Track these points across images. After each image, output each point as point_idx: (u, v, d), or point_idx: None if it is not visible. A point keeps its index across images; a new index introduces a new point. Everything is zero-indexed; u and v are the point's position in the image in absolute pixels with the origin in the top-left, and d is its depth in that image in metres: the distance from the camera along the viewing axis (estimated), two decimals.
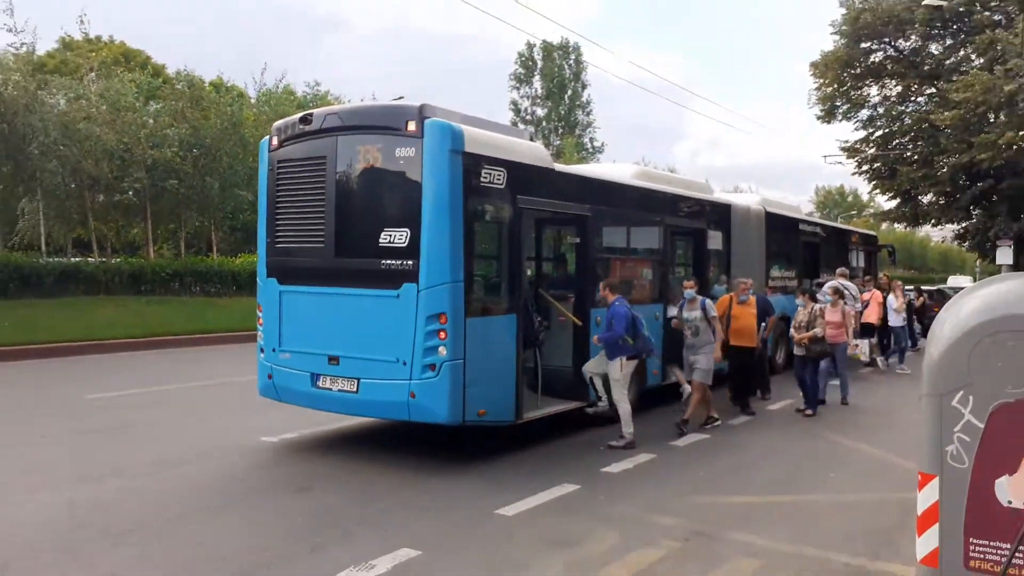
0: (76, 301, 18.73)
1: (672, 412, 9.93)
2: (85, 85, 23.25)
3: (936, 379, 3.30)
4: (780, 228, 14.17)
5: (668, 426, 9.01)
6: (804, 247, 15.45)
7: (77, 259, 22.09)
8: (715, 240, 11.71)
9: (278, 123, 7.93)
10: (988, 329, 3.19)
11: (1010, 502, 3.16)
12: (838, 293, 11.29)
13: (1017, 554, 3.15)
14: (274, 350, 7.69)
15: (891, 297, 14.65)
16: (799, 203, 18.06)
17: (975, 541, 3.23)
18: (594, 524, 5.61)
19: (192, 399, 10.54)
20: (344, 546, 5.10)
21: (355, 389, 7.08)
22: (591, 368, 8.28)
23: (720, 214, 11.93)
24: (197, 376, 12.51)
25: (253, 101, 29.09)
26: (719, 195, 13.26)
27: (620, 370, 8.02)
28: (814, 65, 32.90)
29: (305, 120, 7.52)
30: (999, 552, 3.18)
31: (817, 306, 10.32)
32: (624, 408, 8.00)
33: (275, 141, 7.76)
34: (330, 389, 7.25)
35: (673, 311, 9.78)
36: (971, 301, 3.40)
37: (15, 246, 22.61)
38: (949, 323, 3.36)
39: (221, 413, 9.62)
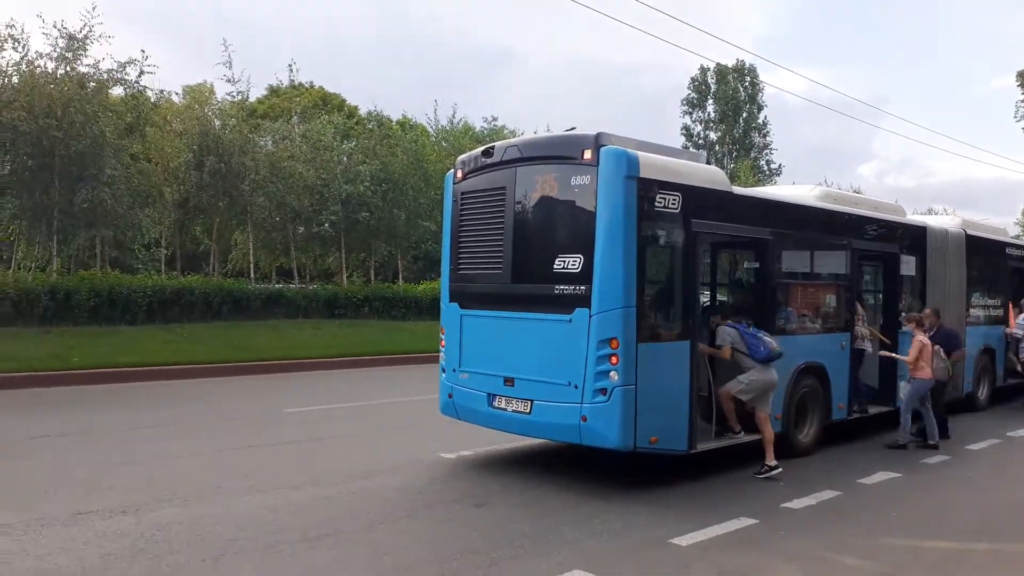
0: (278, 323, 20.57)
1: (859, 448, 9.33)
2: (290, 127, 25.65)
3: None
4: (983, 252, 12.95)
5: (855, 462, 8.47)
6: (1013, 273, 13.99)
7: (280, 285, 24.23)
8: (908, 265, 10.90)
9: (462, 157, 8.35)
10: None
11: None
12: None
13: None
14: (455, 371, 8.06)
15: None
16: (1005, 225, 16.37)
17: None
18: (773, 560, 5.40)
19: (378, 415, 11.24)
20: (520, 563, 5.24)
21: (528, 410, 7.26)
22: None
23: (914, 237, 11.10)
24: (383, 394, 13.32)
25: (433, 138, 30.74)
26: (913, 217, 12.35)
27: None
28: (1021, 75, 29.95)
29: (487, 153, 7.89)
30: None
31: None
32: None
33: (459, 174, 8.19)
34: (505, 409, 7.48)
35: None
36: None
37: (228, 273, 25.18)
38: None
39: (405, 429, 10.18)
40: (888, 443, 9.44)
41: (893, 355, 9.81)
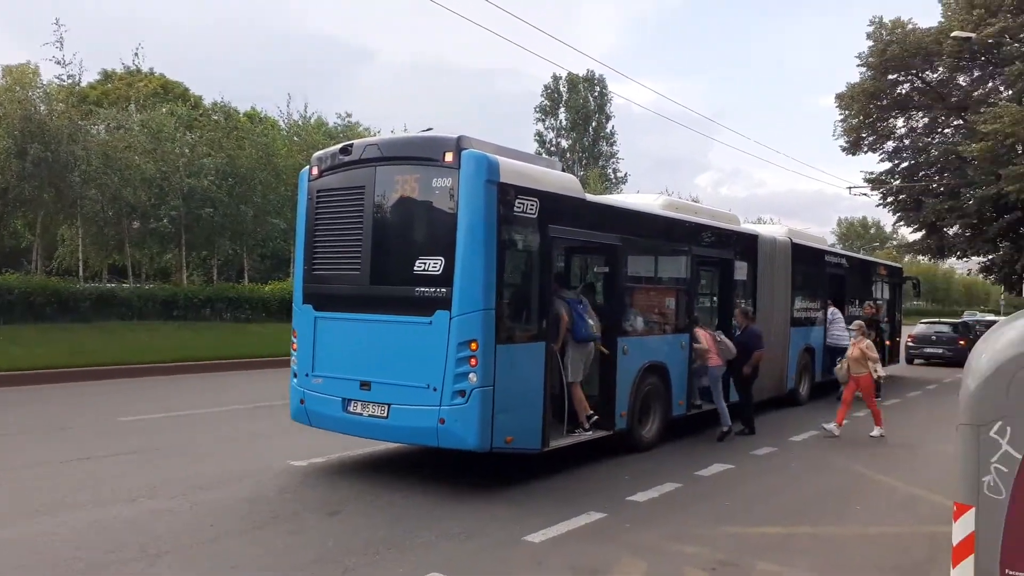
0: (111, 326, 19.11)
1: (697, 441, 9.93)
2: (127, 115, 23.92)
3: (974, 410, 3.33)
4: (806, 259, 14.16)
5: (694, 455, 9.01)
6: (830, 279, 15.40)
7: (112, 285, 22.56)
8: (741, 271, 11.74)
9: (318, 153, 8.14)
10: None
11: None
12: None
13: None
14: (307, 375, 7.82)
15: None
16: (822, 234, 18.04)
17: (1011, 572, 3.23)
18: (621, 552, 5.62)
19: (223, 423, 10.70)
20: (375, 568, 5.16)
21: (385, 415, 7.17)
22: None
23: (746, 245, 11.97)
24: (227, 400, 12.69)
25: (284, 132, 29.73)
26: (746, 226, 13.30)
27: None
28: (840, 97, 33.02)
29: (345, 151, 7.72)
30: None
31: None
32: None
33: (315, 171, 7.96)
34: (361, 414, 7.35)
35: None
36: (1008, 332, 3.44)
37: (53, 271, 23.13)
38: (987, 355, 3.39)
39: (252, 437, 9.75)
40: (718, 436, 10.11)
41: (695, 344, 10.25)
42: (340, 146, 7.85)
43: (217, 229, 23.94)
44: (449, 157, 6.90)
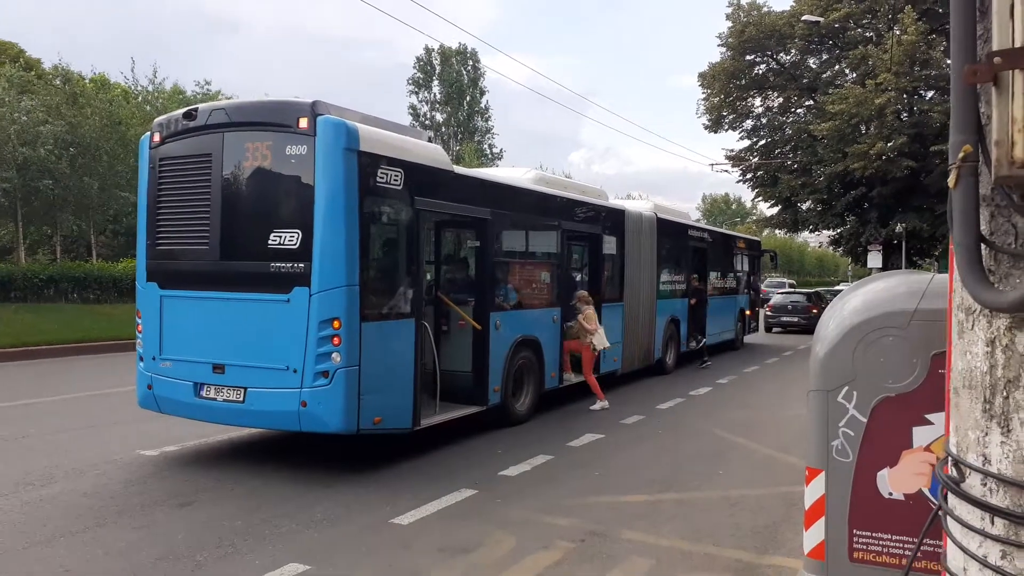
0: None
1: (568, 414, 10.03)
2: None
3: (822, 376, 3.40)
4: (671, 233, 14.58)
5: (566, 427, 9.08)
6: (693, 252, 15.96)
7: None
8: (609, 245, 11.91)
9: (160, 118, 7.51)
10: (869, 327, 3.30)
11: (891, 493, 3.28)
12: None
13: (890, 538, 3.27)
14: (154, 359, 7.25)
15: None
16: (688, 210, 18.68)
17: (859, 532, 3.33)
18: (491, 528, 5.53)
19: (65, 412, 9.81)
20: (228, 564, 4.82)
21: (241, 399, 6.75)
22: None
23: (615, 219, 12.14)
24: (71, 388, 11.69)
25: (137, 100, 27.65)
26: (614, 201, 13.51)
27: None
28: (702, 76, 34.24)
29: (189, 115, 7.14)
30: (881, 543, 3.30)
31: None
32: None
33: (157, 137, 7.33)
34: (215, 399, 6.89)
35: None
36: (852, 300, 3.52)
37: None
38: (834, 321, 3.47)
39: (97, 427, 8.99)
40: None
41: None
42: (184, 110, 7.26)
43: (58, 203, 21.98)
44: (304, 123, 6.49)
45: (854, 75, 30.88)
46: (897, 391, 3.26)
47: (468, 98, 56.97)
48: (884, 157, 27.63)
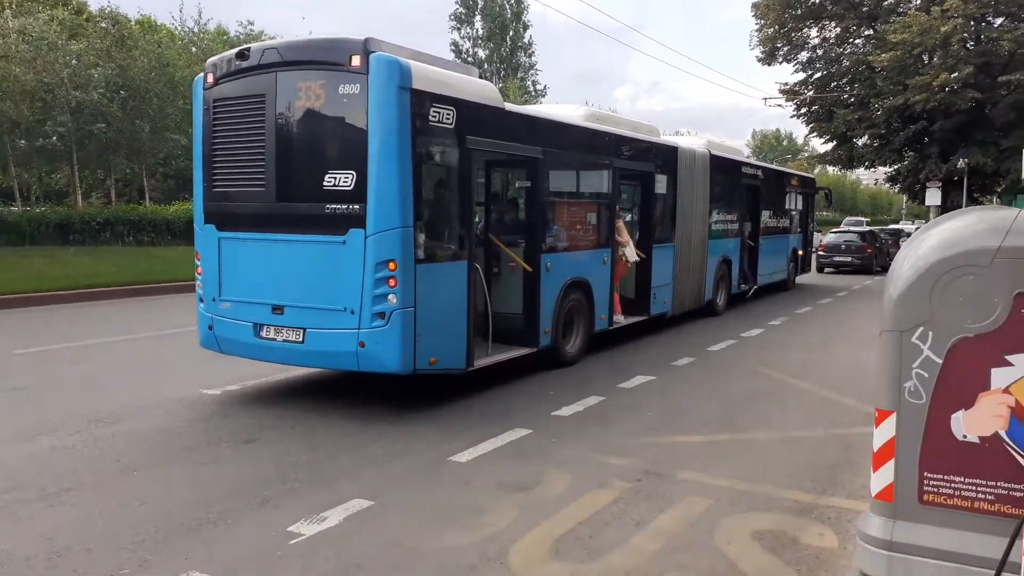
0: None
1: (619, 355, 10.02)
2: (2, 21, 21.74)
3: (896, 316, 3.29)
4: (724, 171, 14.23)
5: (617, 369, 9.08)
6: (746, 190, 15.59)
7: None
8: (662, 183, 11.68)
9: (212, 59, 7.48)
10: (947, 265, 3.18)
11: (965, 436, 3.20)
12: None
13: (962, 480, 3.21)
14: (214, 300, 7.40)
15: None
16: (738, 146, 18.20)
17: (929, 475, 3.27)
18: (547, 467, 5.60)
19: (127, 353, 10.16)
20: (294, 498, 4.97)
21: (301, 339, 6.87)
22: None
23: (667, 157, 11.88)
24: (132, 329, 12.06)
25: (182, 41, 27.72)
26: (666, 138, 13.20)
27: None
28: (755, 6, 32.95)
29: (242, 56, 7.10)
30: (953, 486, 3.23)
31: None
32: None
33: (210, 78, 7.33)
34: (274, 339, 7.02)
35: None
36: (930, 238, 3.38)
37: None
38: (909, 260, 3.34)
39: (159, 367, 9.29)
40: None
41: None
42: (236, 50, 7.21)
43: (111, 146, 22.37)
44: (356, 61, 6.41)
45: (918, 2, 29.36)
46: (976, 331, 3.15)
47: (511, 33, 55.82)
48: (948, 89, 26.45)
